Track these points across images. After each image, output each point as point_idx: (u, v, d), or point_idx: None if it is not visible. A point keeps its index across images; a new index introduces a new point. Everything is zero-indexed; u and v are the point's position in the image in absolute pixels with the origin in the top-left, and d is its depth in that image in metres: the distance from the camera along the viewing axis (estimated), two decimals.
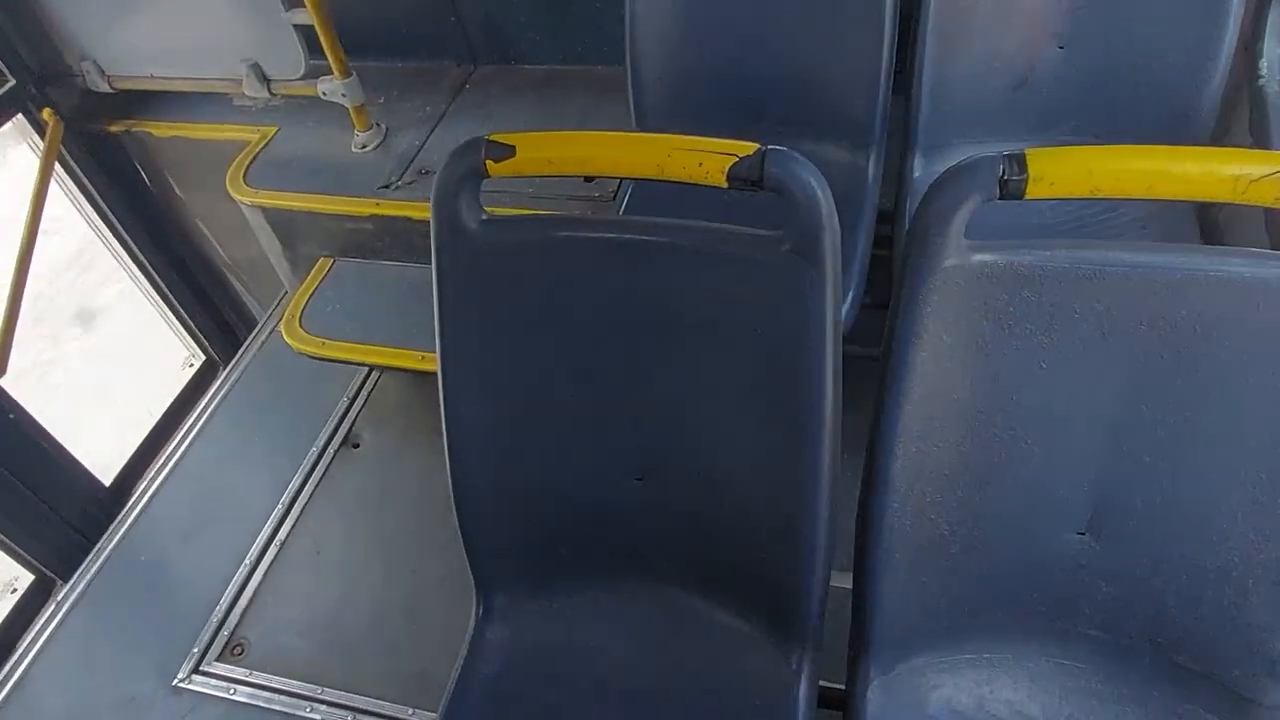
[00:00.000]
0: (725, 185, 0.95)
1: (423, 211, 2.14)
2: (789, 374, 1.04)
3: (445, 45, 2.47)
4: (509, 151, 1.01)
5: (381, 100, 2.42)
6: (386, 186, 2.20)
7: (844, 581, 1.17)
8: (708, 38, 1.78)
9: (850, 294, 1.58)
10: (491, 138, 1.01)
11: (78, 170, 2.54)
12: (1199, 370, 0.91)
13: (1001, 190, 0.86)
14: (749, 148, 0.94)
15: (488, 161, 1.02)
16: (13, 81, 2.34)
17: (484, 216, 1.07)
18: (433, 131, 2.34)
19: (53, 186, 2.52)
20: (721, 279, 1.03)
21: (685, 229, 1.03)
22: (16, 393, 2.40)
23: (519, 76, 2.50)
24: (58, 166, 2.50)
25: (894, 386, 1.00)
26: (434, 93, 2.45)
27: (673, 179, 0.97)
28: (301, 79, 2.25)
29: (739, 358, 1.07)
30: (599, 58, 2.22)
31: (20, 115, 2.39)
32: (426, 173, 2.22)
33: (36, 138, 2.44)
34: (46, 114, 2.42)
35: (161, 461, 2.39)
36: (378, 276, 2.29)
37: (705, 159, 0.95)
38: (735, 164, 0.94)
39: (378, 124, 2.35)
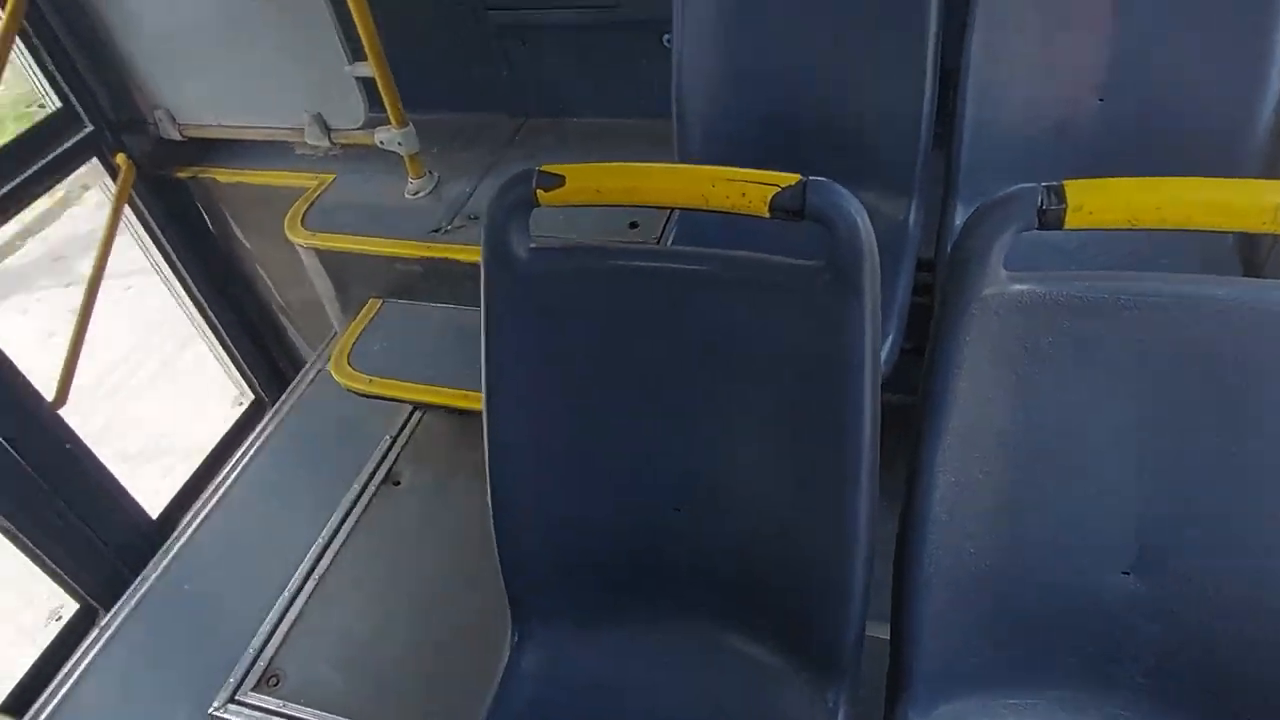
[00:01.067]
0: (767, 214, 0.97)
1: (470, 255, 2.20)
2: (829, 405, 1.05)
3: (498, 98, 2.57)
4: (559, 181, 1.05)
5: (435, 150, 2.51)
6: (437, 230, 2.27)
7: (879, 631, 1.15)
8: (752, 90, 1.84)
9: (890, 338, 1.59)
10: (542, 168, 1.06)
11: (145, 213, 2.66)
12: (1244, 403, 0.90)
13: (1040, 220, 0.87)
14: (791, 178, 0.97)
15: (538, 191, 1.06)
16: (90, 128, 2.48)
17: (532, 245, 1.11)
18: (483, 180, 2.42)
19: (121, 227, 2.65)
20: (764, 310, 1.05)
21: (728, 259, 1.05)
22: (75, 424, 2.49)
23: (568, 129, 2.58)
24: (126, 208, 2.62)
25: (933, 417, 1.00)
26: (485, 143, 2.54)
27: (716, 209, 1.00)
28: (360, 129, 2.35)
29: (780, 390, 1.08)
30: (646, 111, 2.29)
31: (95, 159, 2.52)
32: (475, 218, 2.29)
33: (109, 180, 2.57)
34: (120, 159, 2.55)
35: (207, 495, 2.44)
36: (425, 317, 2.35)
37: (748, 189, 0.98)
38: (778, 194, 0.97)
39: (430, 172, 2.44)
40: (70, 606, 2.51)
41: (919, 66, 1.68)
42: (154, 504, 2.75)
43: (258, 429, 2.60)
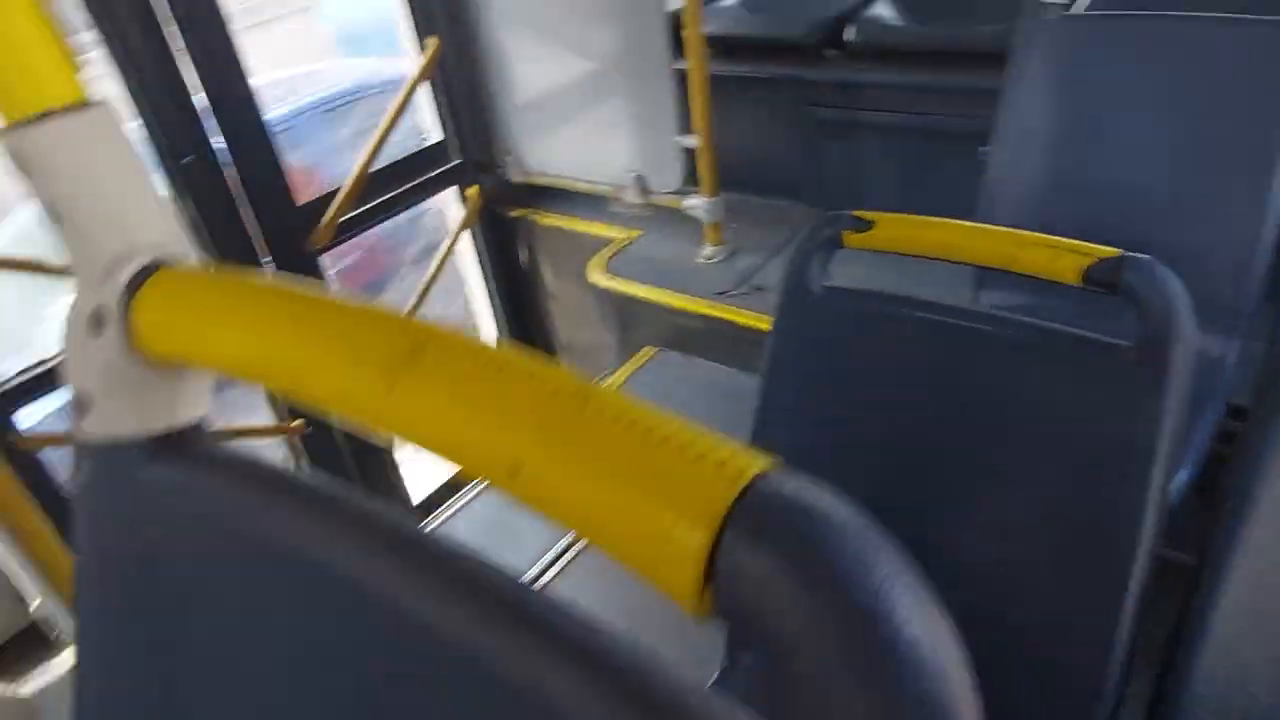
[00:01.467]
0: (1077, 282, 0.97)
1: (749, 320, 2.31)
2: (1104, 507, 1.00)
3: (804, 188, 2.71)
4: (868, 226, 1.12)
5: (734, 224, 2.68)
6: (722, 293, 2.42)
7: None
8: (1067, 207, 1.80)
9: (1183, 472, 1.46)
10: (855, 213, 1.13)
11: (480, 240, 3.07)
12: None
13: None
14: (1110, 251, 0.96)
15: (845, 232, 1.13)
16: (459, 161, 2.93)
17: (827, 283, 1.18)
18: (774, 257, 2.54)
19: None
20: (1058, 382, 1.03)
21: (1027, 326, 1.05)
22: None
23: None
24: (465, 234, 3.04)
25: (1221, 552, 0.92)
26: (784, 226, 2.67)
27: (1024, 271, 1.01)
28: (673, 193, 2.58)
29: (1054, 477, 1.05)
30: (950, 214, 2.31)
31: (455, 188, 2.96)
32: (759, 289, 2.41)
33: (459, 208, 3.00)
34: (471, 191, 2.98)
35: (463, 491, 2.70)
36: (694, 371, 2.49)
37: (1061, 256, 0.98)
38: (1093, 264, 0.96)
39: (726, 242, 2.61)
40: None
41: (1258, 207, 1.57)
42: (419, 492, 3.08)
43: None
